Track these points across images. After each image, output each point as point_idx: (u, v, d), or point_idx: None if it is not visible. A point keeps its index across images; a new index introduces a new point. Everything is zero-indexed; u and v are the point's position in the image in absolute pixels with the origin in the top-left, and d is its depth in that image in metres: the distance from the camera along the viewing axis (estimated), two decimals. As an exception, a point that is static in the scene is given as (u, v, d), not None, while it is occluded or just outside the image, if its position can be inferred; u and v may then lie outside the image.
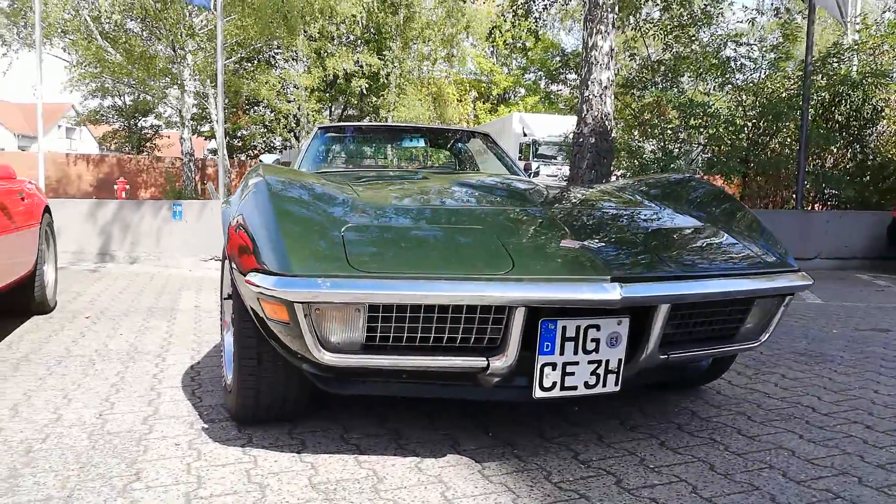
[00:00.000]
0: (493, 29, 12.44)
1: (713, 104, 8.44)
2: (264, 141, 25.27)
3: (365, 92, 23.41)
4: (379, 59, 23.25)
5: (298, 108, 23.14)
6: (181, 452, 1.91)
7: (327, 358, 1.61)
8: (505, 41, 16.78)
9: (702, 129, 8.51)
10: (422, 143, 3.89)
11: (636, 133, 9.64)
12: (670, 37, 9.80)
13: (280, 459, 1.86)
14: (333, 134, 3.76)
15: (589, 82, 7.68)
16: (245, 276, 1.66)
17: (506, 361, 1.62)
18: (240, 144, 27.56)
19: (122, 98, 28.64)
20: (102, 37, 16.22)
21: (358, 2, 18.55)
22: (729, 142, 8.72)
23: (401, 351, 1.64)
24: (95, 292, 5.02)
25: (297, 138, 24.71)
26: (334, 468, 1.80)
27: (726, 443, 2.02)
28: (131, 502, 1.59)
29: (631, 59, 10.63)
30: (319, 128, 3.65)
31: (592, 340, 1.66)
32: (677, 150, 8.87)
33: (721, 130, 8.39)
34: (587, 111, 7.72)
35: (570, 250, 1.70)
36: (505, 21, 10.84)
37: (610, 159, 7.92)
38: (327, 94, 25.32)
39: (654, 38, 10.23)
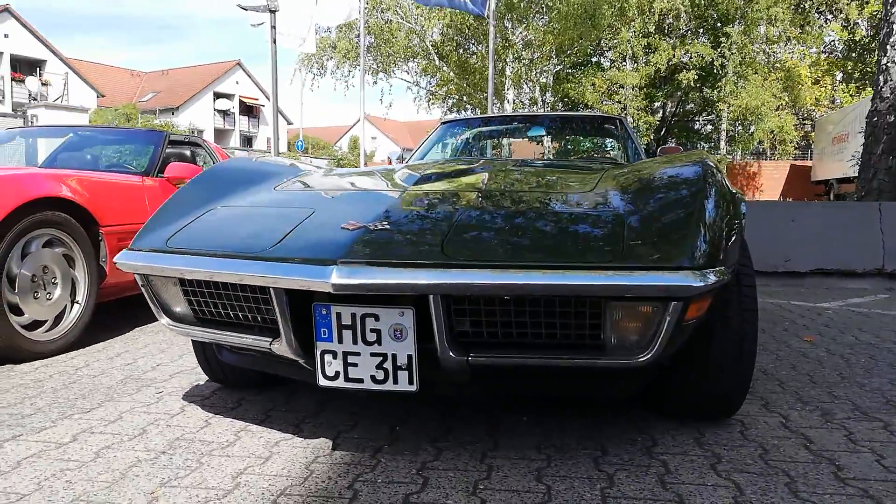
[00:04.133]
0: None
1: None
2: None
3: (693, 84, 22.02)
4: (713, 48, 21.66)
5: (624, 108, 22.92)
6: (152, 400, 2.28)
7: (165, 322, 1.80)
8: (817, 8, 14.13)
9: None
10: (542, 132, 3.69)
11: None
12: None
13: (197, 419, 2.09)
14: (455, 127, 3.82)
15: (888, 46, 6.11)
16: None
17: (283, 343, 1.59)
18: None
19: (473, 111, 31.91)
20: (439, 58, 18.43)
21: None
22: None
23: (216, 325, 1.74)
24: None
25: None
26: (223, 438, 1.95)
27: (624, 492, 1.61)
28: (55, 426, 2.00)
29: None
30: (441, 122, 3.75)
31: (372, 331, 1.52)
32: None
33: None
34: (884, 82, 6.15)
35: (338, 231, 1.57)
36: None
37: (917, 142, 6.18)
38: (660, 92, 24.48)
39: None
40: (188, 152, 4.63)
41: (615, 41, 21.64)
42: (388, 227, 1.58)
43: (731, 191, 1.84)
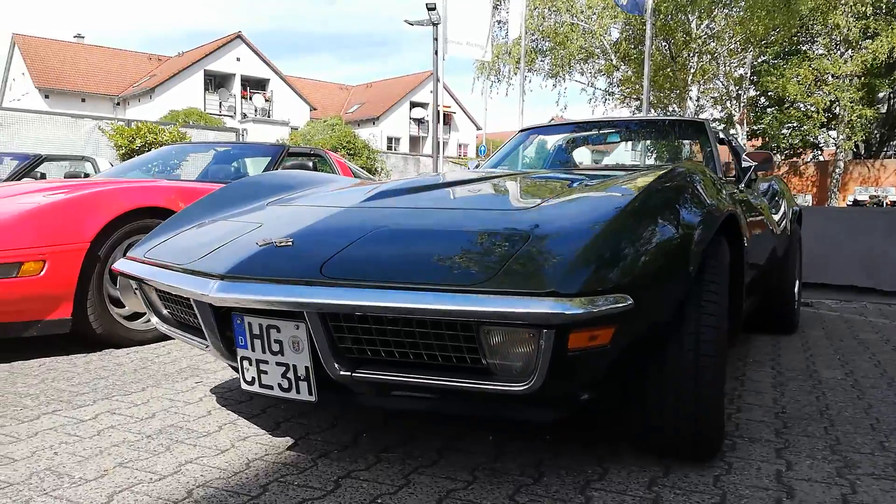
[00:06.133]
0: None
1: None
2: (788, 140, 22.92)
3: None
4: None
5: (835, 101, 20.45)
6: (187, 388, 2.57)
7: (154, 322, 2.04)
8: None
9: None
10: (617, 139, 3.45)
11: None
12: None
13: (202, 409, 2.33)
14: (533, 136, 3.72)
15: None
16: None
17: (211, 347, 1.73)
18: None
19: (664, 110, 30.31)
20: (619, 57, 17.84)
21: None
22: None
23: (182, 327, 1.94)
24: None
25: (831, 132, 21.85)
26: (207, 429, 2.18)
27: (516, 515, 1.53)
28: (93, 405, 2.35)
29: None
30: (519, 130, 3.70)
31: (276, 341, 1.61)
32: None
33: None
34: None
35: (250, 246, 1.65)
36: None
37: None
38: (885, 80, 21.45)
39: None
40: (310, 163, 5.06)
41: (826, 27, 19.36)
42: (290, 244, 1.66)
43: (687, 212, 1.66)
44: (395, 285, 1.44)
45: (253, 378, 1.69)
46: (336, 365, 1.53)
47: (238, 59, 34.16)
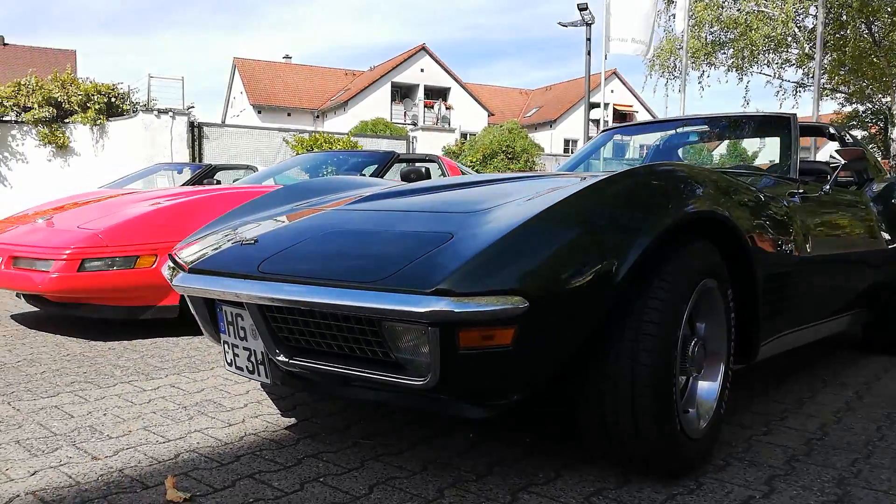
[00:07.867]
0: None
1: None
2: None
3: None
4: None
5: None
6: (224, 373, 2.89)
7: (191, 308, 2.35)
8: None
9: None
10: (696, 139, 3.18)
11: None
12: None
13: (245, 388, 2.62)
14: (617, 136, 3.58)
15: None
16: None
17: (204, 332, 1.97)
18: None
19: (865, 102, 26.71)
20: (810, 45, 16.14)
21: None
22: None
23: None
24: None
25: None
26: (234, 405, 2.45)
27: (431, 506, 1.57)
28: (162, 378, 2.74)
29: None
30: (601, 131, 3.61)
31: (241, 328, 1.80)
32: None
33: None
34: None
35: (225, 244, 1.84)
36: None
37: None
38: None
39: None
40: (423, 168, 5.31)
41: None
42: (252, 242, 1.84)
43: (622, 214, 1.60)
44: (306, 281, 1.57)
45: (231, 360, 1.91)
46: (276, 351, 1.70)
47: (422, 70, 35.91)
